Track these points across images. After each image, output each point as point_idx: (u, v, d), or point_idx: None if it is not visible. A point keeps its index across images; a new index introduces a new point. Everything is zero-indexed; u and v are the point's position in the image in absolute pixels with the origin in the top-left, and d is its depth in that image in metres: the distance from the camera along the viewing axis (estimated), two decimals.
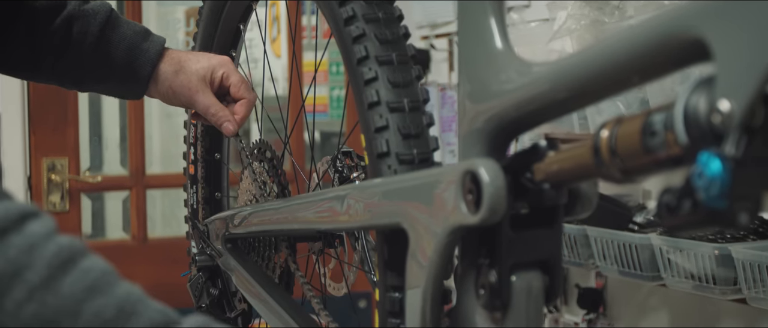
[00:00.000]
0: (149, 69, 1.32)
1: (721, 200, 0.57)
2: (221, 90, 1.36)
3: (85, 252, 0.73)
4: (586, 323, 2.19)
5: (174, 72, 1.32)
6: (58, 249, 0.71)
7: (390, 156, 0.99)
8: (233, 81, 1.34)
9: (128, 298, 0.72)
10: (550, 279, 0.85)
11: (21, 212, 0.71)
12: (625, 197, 1.93)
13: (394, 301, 0.99)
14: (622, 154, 0.66)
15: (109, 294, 0.71)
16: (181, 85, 1.32)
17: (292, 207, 1.20)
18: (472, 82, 0.86)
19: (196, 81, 1.32)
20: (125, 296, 0.72)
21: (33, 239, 0.70)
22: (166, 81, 1.33)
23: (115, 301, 0.71)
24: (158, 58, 1.33)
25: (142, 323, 0.71)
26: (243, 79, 1.36)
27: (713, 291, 1.64)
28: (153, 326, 0.72)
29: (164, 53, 1.34)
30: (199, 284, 1.53)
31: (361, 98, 1.02)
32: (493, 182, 0.78)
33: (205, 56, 1.37)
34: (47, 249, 0.70)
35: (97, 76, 1.36)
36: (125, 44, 1.32)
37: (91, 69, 1.34)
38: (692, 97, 0.60)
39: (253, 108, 1.40)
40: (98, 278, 0.72)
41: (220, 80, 1.34)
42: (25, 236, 0.70)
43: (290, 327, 1.27)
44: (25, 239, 0.70)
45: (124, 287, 0.73)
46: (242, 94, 1.35)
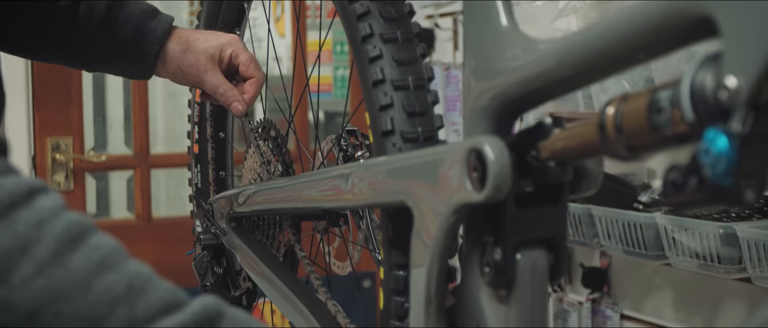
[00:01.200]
0: (157, 48, 1.31)
1: (728, 176, 0.56)
2: (230, 69, 1.35)
3: (94, 229, 0.72)
4: (591, 302, 2.19)
5: (182, 51, 1.32)
6: (68, 224, 0.70)
7: (394, 134, 0.98)
8: (242, 59, 1.34)
9: (138, 275, 0.72)
10: (554, 257, 0.84)
11: (29, 187, 0.70)
12: (629, 176, 1.93)
13: (398, 279, 0.99)
14: (627, 131, 0.66)
15: (119, 271, 0.71)
16: (189, 64, 1.31)
17: (296, 185, 1.20)
18: (478, 59, 0.85)
19: (204, 60, 1.31)
20: (135, 274, 0.72)
21: (42, 214, 0.69)
22: (174, 60, 1.32)
23: (125, 277, 0.70)
24: (166, 37, 1.32)
25: (151, 300, 0.71)
26: (252, 58, 1.35)
27: (718, 270, 1.64)
28: (162, 305, 0.71)
29: (172, 32, 1.33)
30: (204, 262, 1.53)
31: (366, 76, 1.01)
32: (498, 160, 0.77)
33: (213, 35, 1.36)
34: (56, 224, 0.69)
35: (104, 55, 1.35)
36: (132, 23, 1.31)
37: (98, 48, 1.33)
38: (699, 73, 0.59)
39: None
40: (108, 254, 0.71)
41: (229, 59, 1.33)
42: (34, 211, 0.69)
43: (294, 306, 1.27)
44: (34, 214, 0.69)
45: (133, 265, 0.72)
46: (251, 73, 1.34)
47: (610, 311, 2.15)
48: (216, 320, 0.73)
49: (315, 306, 1.23)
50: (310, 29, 3.23)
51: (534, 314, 0.84)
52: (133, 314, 0.69)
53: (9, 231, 0.68)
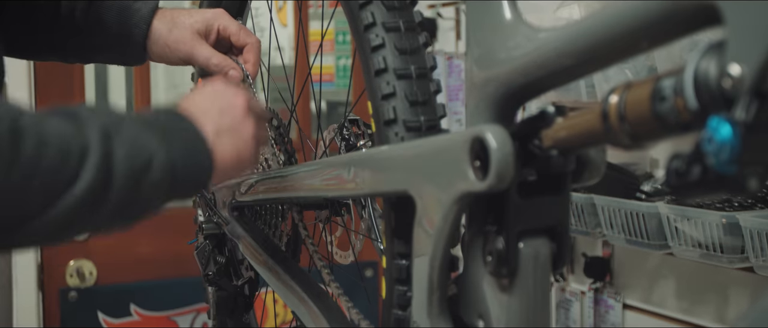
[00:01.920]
0: (144, 28, 1.30)
1: (731, 165, 0.56)
2: (221, 43, 1.33)
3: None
4: (593, 292, 2.19)
5: (168, 29, 1.31)
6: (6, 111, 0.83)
7: (397, 123, 0.98)
8: (232, 30, 1.32)
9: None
10: (557, 246, 0.85)
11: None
12: (632, 166, 1.93)
13: (401, 268, 0.99)
14: (631, 119, 0.66)
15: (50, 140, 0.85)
16: (176, 40, 1.31)
17: (299, 175, 1.20)
18: (480, 48, 0.85)
19: (191, 35, 1.30)
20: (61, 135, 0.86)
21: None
22: (161, 38, 1.31)
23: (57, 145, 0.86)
24: (151, 16, 1.31)
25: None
26: (241, 26, 1.34)
27: (720, 260, 1.64)
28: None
29: (157, 12, 1.32)
30: (206, 252, 1.54)
31: (368, 65, 1.01)
32: (501, 149, 0.77)
33: (198, 11, 1.35)
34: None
35: (94, 45, 1.35)
36: (116, 7, 1.31)
37: (87, 38, 1.33)
38: (702, 61, 0.59)
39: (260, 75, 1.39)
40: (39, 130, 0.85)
41: (218, 32, 1.32)
42: None
43: (296, 295, 1.27)
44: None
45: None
46: (245, 40, 1.33)
47: (613, 301, 2.15)
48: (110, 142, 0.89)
49: (317, 295, 1.24)
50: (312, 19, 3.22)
51: (536, 303, 0.84)
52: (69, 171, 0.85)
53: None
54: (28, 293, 2.68)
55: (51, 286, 2.72)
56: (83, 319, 2.74)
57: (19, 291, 2.67)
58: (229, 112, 1.05)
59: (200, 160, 0.99)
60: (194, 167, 0.98)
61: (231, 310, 1.56)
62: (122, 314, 2.80)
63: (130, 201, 0.92)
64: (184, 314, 2.87)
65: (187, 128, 1.00)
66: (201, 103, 1.04)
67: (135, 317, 2.81)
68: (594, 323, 2.19)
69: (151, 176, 0.93)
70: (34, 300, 2.69)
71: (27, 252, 2.67)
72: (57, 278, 2.73)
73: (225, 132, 1.03)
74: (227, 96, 1.07)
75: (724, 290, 1.86)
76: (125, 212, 0.93)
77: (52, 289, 2.73)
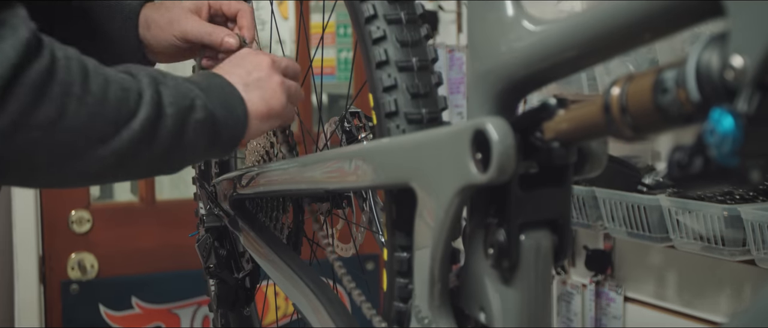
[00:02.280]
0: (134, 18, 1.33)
1: (733, 157, 0.56)
2: (216, 19, 1.35)
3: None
4: (594, 284, 2.19)
5: (160, 14, 1.33)
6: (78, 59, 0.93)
7: (398, 115, 0.98)
8: (223, 3, 1.35)
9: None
10: (559, 239, 0.84)
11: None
12: (634, 159, 1.93)
13: (402, 261, 0.99)
14: (632, 111, 0.65)
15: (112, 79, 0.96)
16: (169, 21, 1.32)
17: (300, 167, 1.20)
18: (482, 40, 0.85)
19: (183, 12, 1.32)
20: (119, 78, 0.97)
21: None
22: (154, 22, 1.33)
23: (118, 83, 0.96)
24: (140, 7, 1.34)
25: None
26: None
27: (722, 252, 1.63)
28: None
29: (146, 4, 1.35)
30: (207, 244, 1.54)
31: (370, 57, 1.01)
32: (503, 141, 0.77)
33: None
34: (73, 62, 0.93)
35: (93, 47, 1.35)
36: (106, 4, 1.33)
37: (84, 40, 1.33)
38: (704, 53, 0.59)
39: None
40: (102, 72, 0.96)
41: (209, 9, 1.34)
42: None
43: (297, 287, 1.27)
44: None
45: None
46: (235, 7, 1.35)
47: (614, 294, 2.15)
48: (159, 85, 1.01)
49: (318, 287, 1.24)
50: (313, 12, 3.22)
51: (538, 296, 0.84)
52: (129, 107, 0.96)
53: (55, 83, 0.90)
54: (30, 285, 2.68)
55: (52, 279, 2.73)
56: (85, 311, 2.75)
57: (20, 284, 2.67)
58: (255, 69, 1.15)
59: (235, 107, 1.09)
60: (231, 116, 1.08)
61: (232, 303, 1.56)
62: (124, 306, 2.81)
63: (178, 138, 1.01)
64: (186, 306, 2.87)
65: (220, 82, 1.10)
66: (227, 66, 1.15)
67: (136, 310, 2.82)
68: (595, 315, 2.19)
69: (195, 116, 1.02)
70: (35, 293, 2.69)
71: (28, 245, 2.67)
72: (58, 271, 2.73)
73: (253, 85, 1.13)
74: (251, 57, 1.17)
75: (725, 282, 1.86)
76: (174, 151, 1.02)
77: (54, 282, 2.73)
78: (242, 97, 1.10)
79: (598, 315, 2.19)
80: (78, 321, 2.73)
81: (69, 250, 2.75)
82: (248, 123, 1.10)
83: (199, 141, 1.04)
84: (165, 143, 1.00)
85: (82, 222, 2.77)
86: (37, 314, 2.69)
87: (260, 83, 1.14)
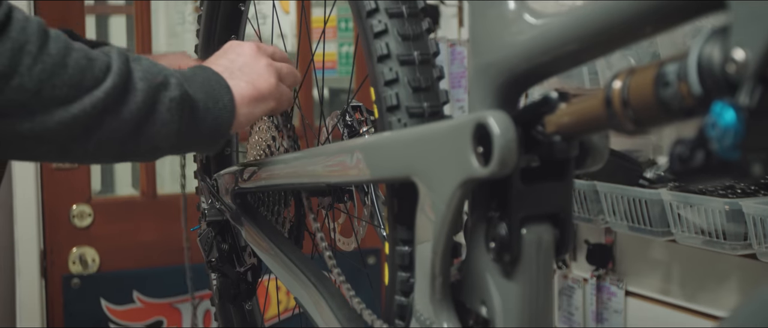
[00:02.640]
0: None
1: (735, 150, 0.56)
2: None
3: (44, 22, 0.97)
4: (595, 279, 2.19)
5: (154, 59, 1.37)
6: (37, 23, 0.95)
7: (400, 109, 0.98)
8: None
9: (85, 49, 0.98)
10: (560, 232, 0.84)
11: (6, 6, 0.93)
12: (635, 153, 1.92)
13: (403, 255, 0.99)
14: (634, 105, 0.65)
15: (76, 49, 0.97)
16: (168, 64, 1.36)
17: (301, 161, 1.20)
18: (483, 34, 0.85)
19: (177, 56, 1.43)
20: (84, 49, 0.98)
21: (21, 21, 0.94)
22: None
23: (82, 54, 0.97)
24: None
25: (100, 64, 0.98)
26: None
27: (723, 246, 1.64)
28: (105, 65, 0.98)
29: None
30: (209, 238, 1.54)
31: (371, 51, 1.01)
32: (504, 134, 0.77)
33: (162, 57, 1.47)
34: (31, 26, 0.94)
35: None
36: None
37: None
38: (706, 46, 0.59)
39: None
40: (65, 40, 0.97)
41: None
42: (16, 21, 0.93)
43: (300, 281, 1.27)
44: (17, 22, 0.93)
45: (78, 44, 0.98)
46: None
47: (615, 288, 2.15)
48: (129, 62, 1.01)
49: (320, 281, 1.24)
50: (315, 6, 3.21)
51: (539, 289, 0.84)
52: (95, 76, 0.97)
53: (7, 39, 0.92)
54: (31, 279, 2.68)
55: (54, 273, 2.73)
56: (86, 305, 2.75)
57: (22, 278, 2.67)
58: (239, 56, 1.16)
59: (220, 95, 1.08)
60: (216, 103, 1.08)
61: (234, 296, 1.56)
62: (125, 300, 2.81)
63: (148, 115, 1.00)
64: (187, 300, 2.87)
65: (203, 72, 1.10)
66: (212, 59, 1.17)
67: (138, 304, 2.82)
68: (596, 310, 2.19)
69: (169, 94, 1.02)
70: (37, 287, 2.69)
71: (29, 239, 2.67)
72: (60, 265, 2.74)
73: (237, 71, 1.13)
74: (235, 46, 1.18)
75: (726, 276, 1.86)
76: (145, 129, 1.01)
77: (55, 276, 2.73)
78: (228, 84, 1.10)
79: (599, 309, 2.20)
80: (79, 315, 2.74)
81: (70, 244, 2.75)
82: (236, 109, 1.10)
83: (173, 121, 1.02)
84: (134, 117, 0.99)
85: (83, 216, 2.77)
86: (39, 308, 2.69)
87: (245, 68, 1.14)
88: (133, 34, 3.02)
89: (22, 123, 0.93)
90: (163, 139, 1.03)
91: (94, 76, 0.96)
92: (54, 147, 0.97)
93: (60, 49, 0.95)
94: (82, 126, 0.95)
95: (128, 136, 1.00)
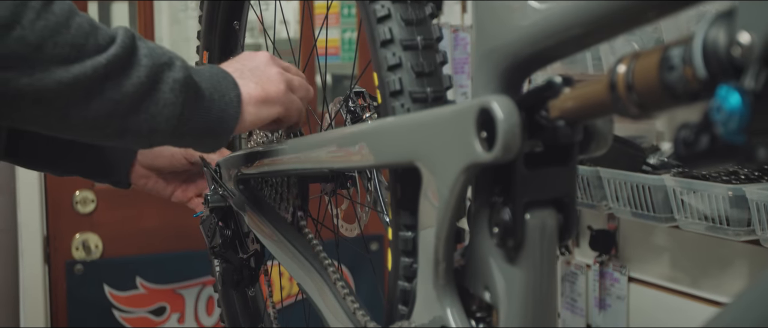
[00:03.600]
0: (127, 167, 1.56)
1: (740, 134, 0.56)
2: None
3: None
4: (598, 265, 2.19)
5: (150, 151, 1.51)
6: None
7: (403, 94, 0.98)
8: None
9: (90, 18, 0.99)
10: (564, 217, 0.84)
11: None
12: (638, 139, 1.92)
13: (407, 240, 0.99)
14: (639, 89, 0.65)
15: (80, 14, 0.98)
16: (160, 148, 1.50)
17: (304, 147, 1.20)
18: (487, 18, 0.84)
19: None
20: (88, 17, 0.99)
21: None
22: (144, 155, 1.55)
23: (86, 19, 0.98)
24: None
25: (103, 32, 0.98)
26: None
27: (726, 232, 1.63)
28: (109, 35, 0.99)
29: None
30: (212, 225, 1.54)
31: (374, 36, 1.01)
32: (508, 119, 0.77)
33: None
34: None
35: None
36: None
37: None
38: (712, 30, 0.58)
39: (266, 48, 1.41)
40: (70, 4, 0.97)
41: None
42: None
43: (303, 267, 1.27)
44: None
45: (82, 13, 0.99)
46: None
47: (618, 274, 2.15)
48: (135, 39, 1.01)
49: (322, 267, 1.24)
50: None
51: (543, 275, 0.84)
52: (98, 43, 0.97)
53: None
54: (35, 265, 2.69)
55: (57, 259, 2.73)
56: (89, 291, 2.76)
57: (25, 264, 2.67)
58: (251, 61, 1.17)
59: (227, 90, 1.09)
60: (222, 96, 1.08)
61: (236, 283, 1.56)
62: (128, 286, 2.82)
63: (150, 91, 1.00)
64: (190, 286, 2.88)
65: (212, 68, 1.11)
66: (224, 64, 1.16)
67: (141, 290, 2.82)
68: (599, 296, 2.20)
69: (173, 75, 1.02)
70: (40, 273, 2.70)
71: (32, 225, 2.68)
72: (63, 251, 2.74)
73: (247, 73, 1.14)
74: (249, 54, 1.19)
75: (729, 262, 1.86)
76: (146, 105, 1.00)
77: (59, 262, 2.73)
78: (235, 81, 1.10)
79: (602, 295, 2.20)
80: (82, 301, 2.74)
81: (73, 230, 2.76)
82: (242, 106, 1.09)
83: (176, 103, 1.02)
84: (136, 91, 0.99)
85: (86, 202, 2.77)
86: (42, 294, 2.70)
87: (256, 71, 1.15)
88: (135, 20, 3.01)
89: (21, 78, 0.92)
90: (164, 120, 1.02)
91: (97, 42, 0.96)
92: (53, 110, 0.97)
93: (64, 10, 0.95)
94: (81, 88, 0.95)
95: (129, 110, 0.99)
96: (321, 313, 1.20)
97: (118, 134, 1.03)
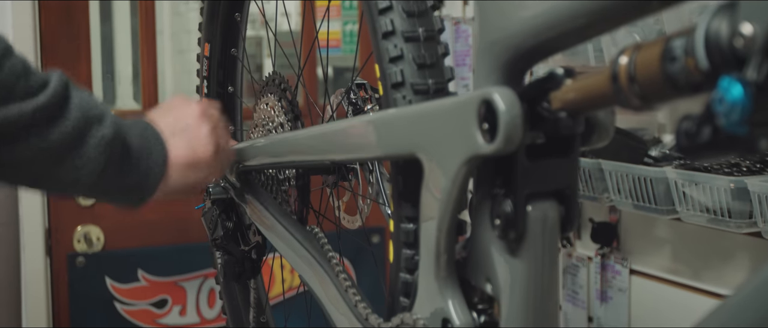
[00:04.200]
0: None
1: (742, 125, 0.56)
2: None
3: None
4: (600, 257, 2.19)
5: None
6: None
7: (405, 86, 0.98)
8: None
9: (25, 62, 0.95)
10: (565, 209, 0.84)
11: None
12: (640, 131, 1.92)
13: (408, 232, 0.99)
14: (641, 80, 0.65)
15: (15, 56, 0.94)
16: None
17: (306, 139, 1.20)
18: (489, 10, 0.84)
19: None
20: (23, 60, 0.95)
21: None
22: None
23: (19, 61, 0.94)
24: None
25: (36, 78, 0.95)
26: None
27: (728, 224, 1.63)
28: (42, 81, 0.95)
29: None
30: (214, 217, 1.54)
31: (376, 28, 1.00)
32: (509, 111, 0.77)
33: None
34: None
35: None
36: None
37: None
38: (714, 21, 0.58)
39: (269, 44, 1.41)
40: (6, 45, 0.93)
41: None
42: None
43: (304, 259, 1.27)
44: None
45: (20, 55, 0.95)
46: None
47: (620, 266, 2.15)
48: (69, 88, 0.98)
49: (324, 259, 1.24)
50: None
51: (544, 267, 0.84)
52: (28, 87, 0.93)
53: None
54: (36, 258, 2.69)
55: (59, 251, 2.73)
56: (91, 284, 2.76)
57: (27, 256, 2.68)
58: (183, 117, 1.13)
59: (155, 147, 1.06)
60: (150, 154, 1.05)
61: (238, 275, 1.56)
62: (130, 279, 2.82)
63: (75, 146, 0.97)
64: (192, 279, 2.88)
65: (143, 123, 1.08)
66: (155, 114, 1.14)
67: (142, 282, 2.83)
68: (601, 288, 2.20)
69: (102, 131, 0.99)
70: (42, 266, 2.70)
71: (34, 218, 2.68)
72: (64, 244, 2.74)
73: (179, 132, 1.11)
74: (181, 106, 1.15)
75: (731, 255, 1.86)
76: (69, 159, 0.97)
77: (60, 254, 2.74)
78: (164, 142, 1.08)
79: (603, 288, 2.20)
80: (84, 294, 2.74)
81: (75, 223, 2.76)
82: (168, 168, 1.08)
83: (99, 160, 0.99)
84: (61, 143, 0.96)
85: None
86: (44, 286, 2.70)
87: (188, 130, 1.12)
88: (136, 12, 3.01)
89: None
90: (86, 174, 0.99)
91: (28, 86, 0.93)
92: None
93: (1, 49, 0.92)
94: (3, 131, 0.92)
95: (52, 159, 0.96)
96: (323, 305, 1.20)
97: (40, 181, 1.00)
